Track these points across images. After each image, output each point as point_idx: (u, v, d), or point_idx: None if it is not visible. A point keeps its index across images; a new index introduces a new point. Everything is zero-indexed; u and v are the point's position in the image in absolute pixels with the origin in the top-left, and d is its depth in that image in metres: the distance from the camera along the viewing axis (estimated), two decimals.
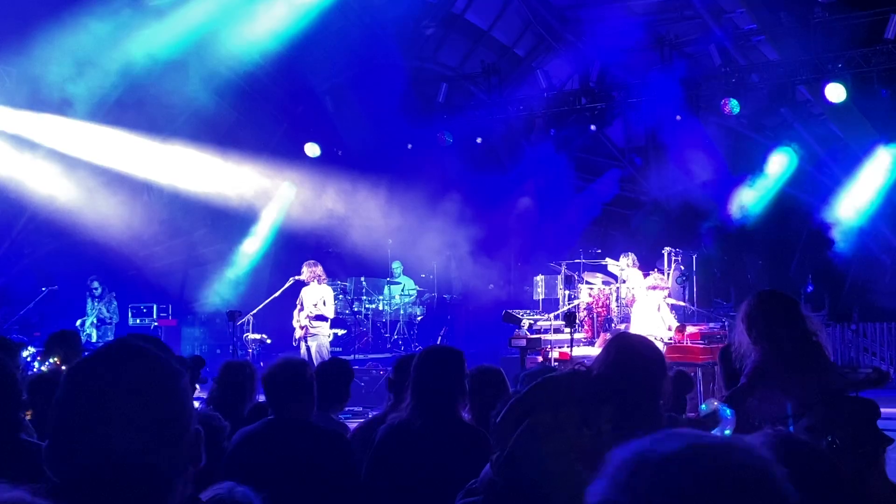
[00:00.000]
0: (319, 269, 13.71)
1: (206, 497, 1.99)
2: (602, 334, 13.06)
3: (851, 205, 16.35)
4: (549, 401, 3.86)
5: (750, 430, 4.16)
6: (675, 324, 12.03)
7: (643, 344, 4.10)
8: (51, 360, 7.21)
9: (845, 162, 16.62)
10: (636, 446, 1.17)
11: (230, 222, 17.76)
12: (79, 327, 15.19)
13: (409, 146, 17.50)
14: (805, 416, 4.04)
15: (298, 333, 13.62)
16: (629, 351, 3.94)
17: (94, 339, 15.02)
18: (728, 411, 4.17)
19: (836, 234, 16.47)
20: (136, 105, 14.93)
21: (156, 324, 16.50)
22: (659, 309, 12.12)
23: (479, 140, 17.19)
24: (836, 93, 13.81)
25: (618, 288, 14.07)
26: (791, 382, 4.35)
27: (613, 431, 3.56)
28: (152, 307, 16.74)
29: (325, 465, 4.16)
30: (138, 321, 16.45)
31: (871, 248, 17.23)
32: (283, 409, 4.32)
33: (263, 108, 17.14)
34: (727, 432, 3.78)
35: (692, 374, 11.01)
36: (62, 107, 14.43)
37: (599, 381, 3.87)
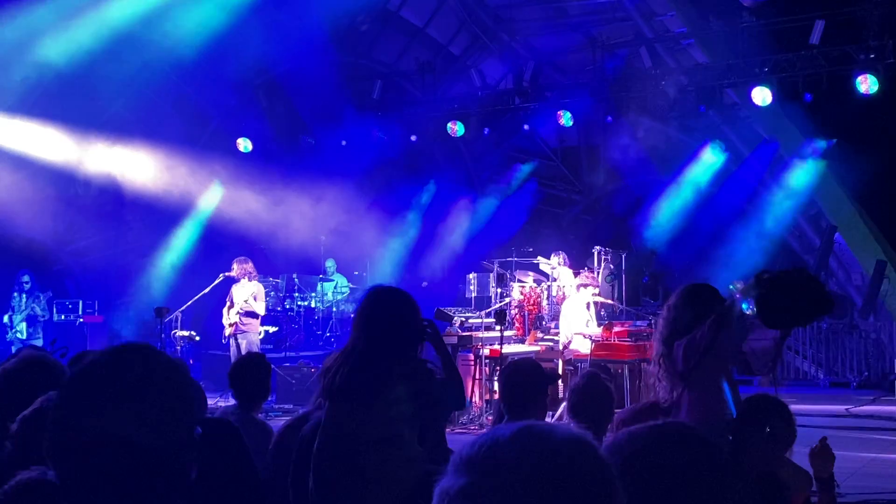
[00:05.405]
0: (250, 266, 13.56)
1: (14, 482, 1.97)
2: (532, 332, 13.17)
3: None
4: None
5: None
6: (591, 323, 12.18)
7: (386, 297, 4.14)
8: None
9: (772, 165, 17.03)
10: (482, 437, 1.30)
11: (159, 217, 17.43)
12: (6, 323, 14.84)
13: (344, 143, 17.41)
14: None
15: (228, 331, 13.45)
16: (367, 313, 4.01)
17: (23, 336, 14.62)
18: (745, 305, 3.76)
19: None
20: (62, 97, 14.59)
21: (81, 320, 16.13)
22: (588, 307, 12.27)
23: (413, 138, 17.16)
24: (761, 96, 14.09)
25: (549, 286, 14.19)
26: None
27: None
28: (78, 303, 16.36)
29: None
30: (63, 317, 16.05)
31: (793, 247, 17.66)
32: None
33: (194, 102, 16.90)
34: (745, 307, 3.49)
35: (619, 371, 11.21)
36: None
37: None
